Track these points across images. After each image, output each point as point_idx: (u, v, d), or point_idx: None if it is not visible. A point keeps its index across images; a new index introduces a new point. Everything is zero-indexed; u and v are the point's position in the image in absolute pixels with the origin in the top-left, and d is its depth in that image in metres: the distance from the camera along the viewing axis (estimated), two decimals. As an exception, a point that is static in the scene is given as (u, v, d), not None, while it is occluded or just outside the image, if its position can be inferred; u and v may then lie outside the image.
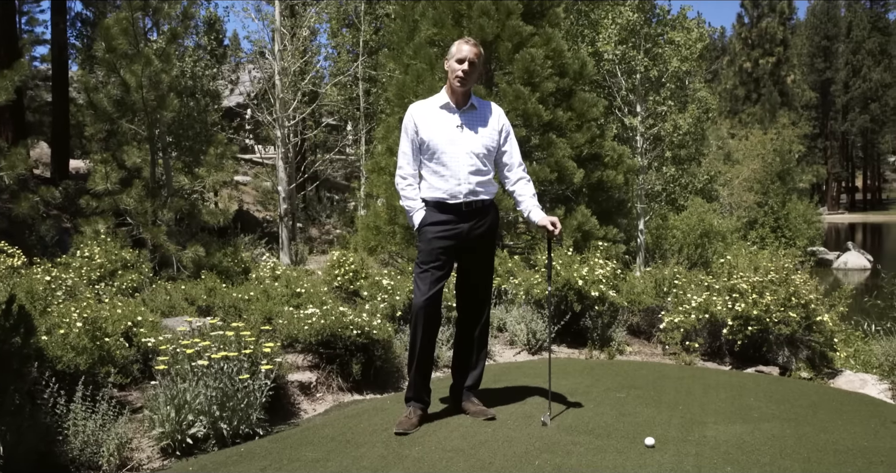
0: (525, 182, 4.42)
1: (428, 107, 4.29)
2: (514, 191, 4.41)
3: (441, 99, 4.28)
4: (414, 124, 4.24)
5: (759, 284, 7.15)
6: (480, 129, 4.27)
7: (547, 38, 10.68)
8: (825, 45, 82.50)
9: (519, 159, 4.42)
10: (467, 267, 4.35)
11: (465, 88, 4.21)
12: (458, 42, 4.25)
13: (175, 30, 10.68)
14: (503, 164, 4.39)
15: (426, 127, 4.21)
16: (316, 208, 27.24)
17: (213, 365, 4.30)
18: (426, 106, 4.30)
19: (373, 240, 11.12)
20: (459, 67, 4.16)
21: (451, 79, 4.23)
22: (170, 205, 9.96)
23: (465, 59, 4.15)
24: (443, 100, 4.27)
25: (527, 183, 4.43)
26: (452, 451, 3.77)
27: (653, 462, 3.62)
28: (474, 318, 4.41)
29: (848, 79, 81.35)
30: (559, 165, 10.25)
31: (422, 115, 4.24)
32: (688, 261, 16.18)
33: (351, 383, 5.58)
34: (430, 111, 4.26)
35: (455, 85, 4.21)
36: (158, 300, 7.19)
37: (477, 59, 4.19)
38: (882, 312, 7.02)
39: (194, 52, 20.76)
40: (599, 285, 7.20)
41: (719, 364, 7.04)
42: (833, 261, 36.17)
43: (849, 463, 3.68)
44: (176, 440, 4.07)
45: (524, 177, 4.43)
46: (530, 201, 4.36)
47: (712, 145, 28.41)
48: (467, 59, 4.15)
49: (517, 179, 4.39)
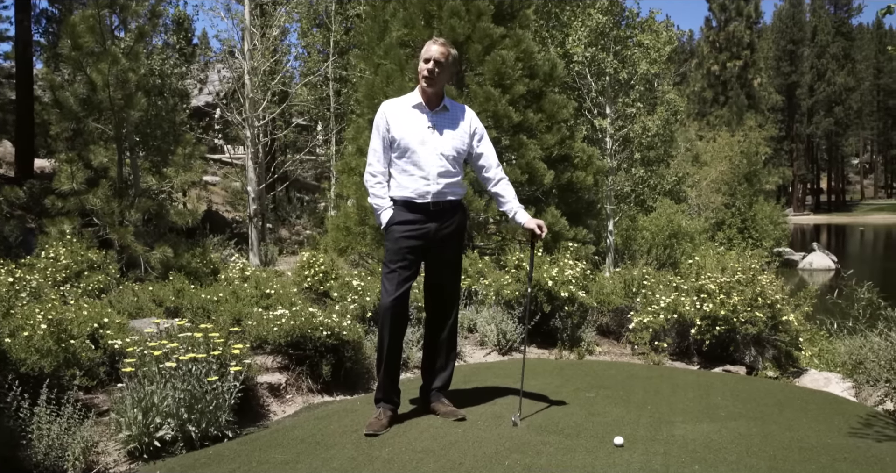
0: (505, 183, 4.45)
1: (400, 105, 4.29)
2: (496, 193, 4.43)
3: (413, 98, 4.28)
4: (386, 122, 4.23)
5: (727, 284, 7.24)
6: (451, 130, 4.27)
7: (517, 40, 10.71)
8: (791, 49, 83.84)
9: (496, 160, 4.44)
10: (435, 267, 4.35)
11: (432, 87, 4.21)
12: (429, 42, 4.25)
13: (143, 28, 10.55)
14: (480, 166, 4.41)
15: (398, 125, 4.21)
16: (286, 209, 27.09)
17: (181, 367, 4.26)
18: (399, 104, 4.30)
19: (343, 241, 11.08)
20: (425, 66, 4.18)
21: (419, 79, 4.24)
22: (137, 205, 9.84)
23: (430, 58, 4.16)
24: (415, 99, 4.27)
25: (507, 184, 4.46)
26: (422, 452, 3.77)
27: (622, 462, 3.65)
28: (443, 319, 4.42)
29: (813, 82, 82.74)
30: (530, 167, 10.29)
31: (394, 113, 4.24)
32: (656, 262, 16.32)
33: (321, 384, 5.56)
34: (402, 110, 4.26)
35: (422, 84, 4.22)
36: (125, 301, 7.10)
37: (444, 58, 4.19)
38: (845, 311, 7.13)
39: (163, 51, 20.55)
40: (569, 286, 7.24)
41: (687, 364, 7.12)
42: (798, 261, 36.72)
43: (813, 460, 3.74)
44: (143, 443, 4.03)
45: (504, 177, 4.45)
46: (515, 202, 4.40)
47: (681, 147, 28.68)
48: (433, 58, 4.16)
49: (497, 179, 4.41)
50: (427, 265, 4.36)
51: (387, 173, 4.30)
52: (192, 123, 22.18)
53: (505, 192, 4.41)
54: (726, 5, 59.28)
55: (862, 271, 24.16)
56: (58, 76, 11.60)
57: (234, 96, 18.80)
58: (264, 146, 19.12)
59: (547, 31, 19.49)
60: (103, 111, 9.99)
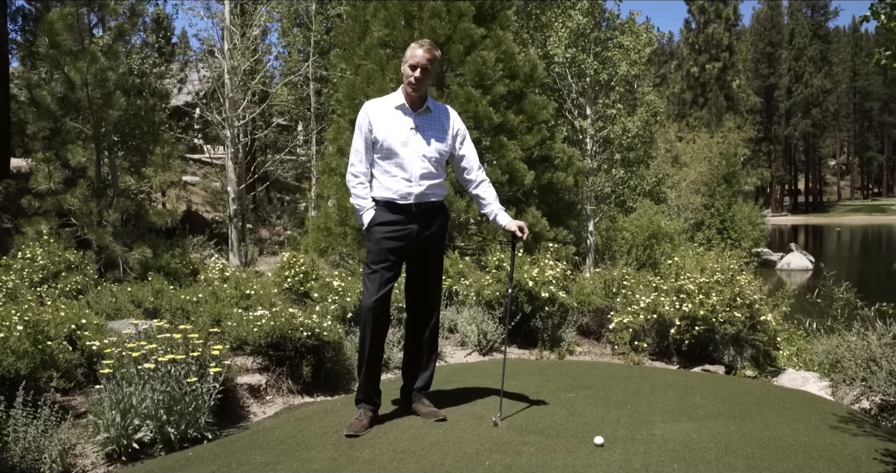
0: (487, 185, 4.44)
1: (383, 106, 4.27)
2: (477, 195, 4.44)
3: (396, 99, 4.26)
4: (368, 123, 4.22)
5: (706, 284, 7.28)
6: (434, 132, 4.27)
7: (498, 41, 10.73)
8: (769, 51, 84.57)
9: (477, 162, 4.44)
10: (417, 268, 4.35)
11: (418, 92, 4.21)
12: (413, 45, 4.22)
13: (122, 26, 10.47)
14: (462, 168, 4.40)
15: (380, 126, 4.19)
16: (266, 209, 26.97)
17: (159, 368, 4.23)
18: (381, 105, 4.28)
19: (323, 241, 11.04)
20: (412, 74, 4.16)
21: (404, 83, 4.22)
22: (116, 205, 9.77)
23: (417, 65, 4.14)
24: (398, 100, 4.25)
25: (488, 185, 4.45)
26: (403, 453, 3.77)
27: (602, 461, 3.67)
28: (424, 319, 4.42)
29: (791, 84, 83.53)
30: (510, 167, 10.30)
31: (377, 113, 4.22)
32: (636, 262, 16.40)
33: (301, 385, 5.54)
34: (385, 111, 4.24)
35: (409, 90, 4.21)
36: (103, 302, 7.04)
37: (430, 63, 4.18)
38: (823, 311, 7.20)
39: (142, 50, 20.39)
40: (549, 287, 7.25)
41: (667, 364, 7.16)
42: (777, 262, 37.03)
43: (790, 459, 3.77)
44: (121, 445, 4.00)
45: (485, 179, 4.45)
46: (496, 205, 4.40)
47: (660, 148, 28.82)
48: (420, 65, 4.14)
49: (479, 181, 4.41)
50: (409, 266, 4.36)
51: (369, 174, 4.29)
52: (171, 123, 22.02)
53: (486, 194, 4.42)
54: (705, 8, 59.65)
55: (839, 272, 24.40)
56: (35, 75, 11.49)
57: (214, 96, 18.70)
58: (244, 146, 19.03)
59: (527, 32, 19.52)
60: (81, 110, 9.91)
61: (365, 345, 4.20)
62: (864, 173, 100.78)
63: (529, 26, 19.82)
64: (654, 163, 24.96)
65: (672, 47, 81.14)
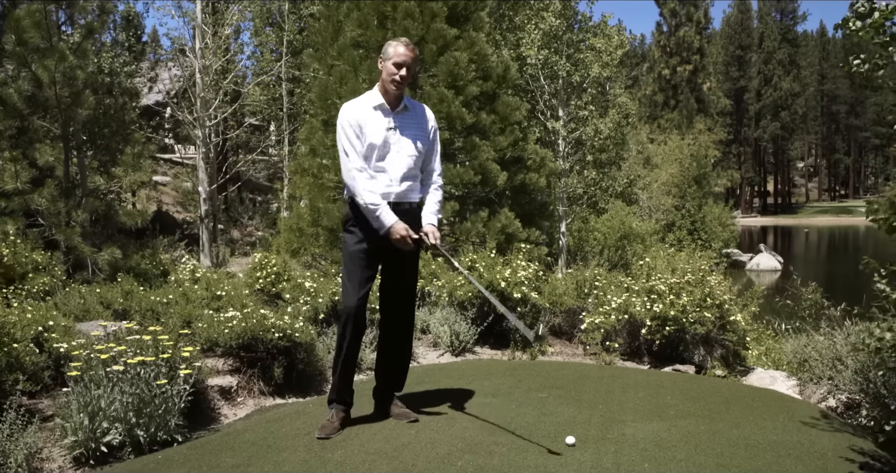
0: (435, 189, 4.36)
1: (363, 106, 4.18)
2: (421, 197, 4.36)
3: (374, 99, 4.18)
4: (357, 123, 4.10)
5: (677, 285, 7.35)
6: (414, 131, 4.22)
7: (471, 42, 10.75)
8: (739, 54, 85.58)
9: (438, 166, 4.39)
10: (393, 269, 4.32)
11: (400, 91, 4.17)
12: (395, 43, 4.15)
13: (91, 24, 10.35)
14: (423, 163, 4.35)
15: (364, 127, 4.12)
16: (238, 210, 26.79)
17: (129, 371, 4.19)
18: (362, 105, 4.18)
19: (296, 242, 11.00)
20: (397, 72, 4.09)
21: (385, 81, 4.15)
22: (85, 205, 9.65)
23: (402, 63, 4.08)
24: (376, 100, 4.17)
25: (436, 190, 4.37)
26: (375, 454, 3.76)
27: (573, 461, 3.69)
28: (398, 320, 4.40)
29: (760, 87, 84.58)
30: (483, 168, 10.33)
31: (361, 114, 4.13)
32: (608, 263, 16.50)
33: (273, 386, 5.51)
34: (366, 111, 4.15)
35: (391, 88, 4.14)
36: (72, 303, 6.95)
37: (413, 62, 4.16)
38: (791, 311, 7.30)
39: (112, 49, 20.15)
40: (522, 287, 7.28)
41: (638, 364, 7.21)
42: (746, 262, 37.51)
43: (759, 457, 3.82)
44: (89, 448, 3.95)
45: (437, 183, 4.38)
46: (431, 214, 4.29)
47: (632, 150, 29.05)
48: (405, 63, 4.09)
49: (430, 184, 4.35)
50: (385, 267, 4.32)
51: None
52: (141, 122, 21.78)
53: (430, 199, 4.32)
54: (677, 11, 60.16)
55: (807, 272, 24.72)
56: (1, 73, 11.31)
57: (185, 95, 18.53)
58: (216, 146, 18.89)
59: (500, 33, 19.58)
60: (49, 109, 9.79)
61: (343, 346, 4.16)
62: (832, 175, 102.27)
63: (502, 27, 19.89)
64: (625, 164, 25.13)
65: (644, 50, 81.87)
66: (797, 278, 7.16)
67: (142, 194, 23.01)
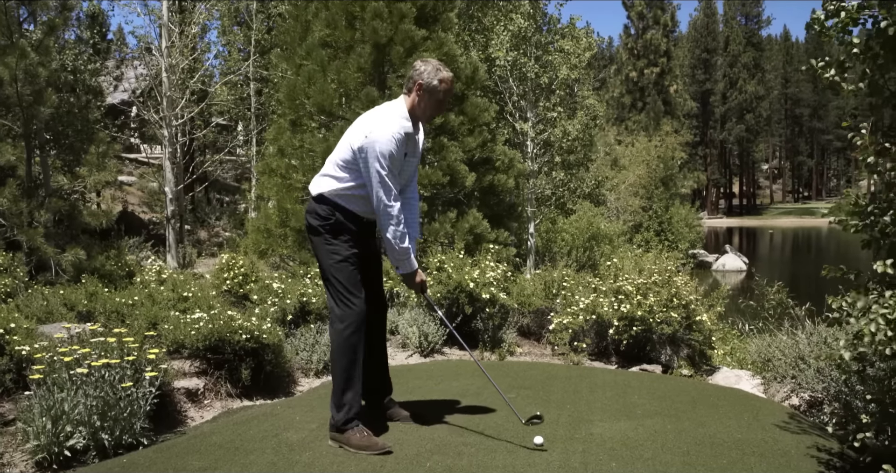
0: (416, 202, 4.30)
1: (405, 133, 3.92)
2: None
3: (407, 123, 3.95)
4: (403, 151, 3.92)
5: (644, 285, 7.41)
6: (418, 149, 4.14)
7: (440, 43, 10.76)
8: (705, 57, 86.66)
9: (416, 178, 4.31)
10: (372, 275, 4.26)
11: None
12: (447, 77, 3.98)
13: (53, 21, 10.19)
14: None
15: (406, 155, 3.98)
16: (205, 210, 26.57)
17: (93, 373, 4.13)
18: (404, 132, 3.91)
19: (263, 243, 10.92)
20: (444, 100, 4.01)
21: (425, 113, 4.02)
22: (47, 205, 9.51)
23: (450, 91, 4.00)
24: (409, 125, 3.95)
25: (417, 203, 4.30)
26: (343, 455, 3.75)
27: (541, 461, 3.70)
28: (379, 323, 4.35)
29: (726, 90, 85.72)
30: (451, 169, 10.34)
31: (404, 142, 3.92)
32: (576, 263, 16.62)
33: (240, 388, 5.47)
34: (407, 138, 3.95)
35: (425, 119, 4.06)
36: (34, 305, 6.84)
37: None
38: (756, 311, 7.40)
39: (75, 46, 19.86)
40: (490, 288, 7.29)
41: (606, 364, 7.26)
42: (712, 263, 37.96)
43: (724, 455, 3.87)
44: (53, 452, 3.88)
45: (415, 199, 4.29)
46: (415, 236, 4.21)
47: (600, 151, 29.26)
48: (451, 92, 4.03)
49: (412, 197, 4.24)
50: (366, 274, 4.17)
51: None
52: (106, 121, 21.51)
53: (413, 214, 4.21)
54: (644, 14, 60.73)
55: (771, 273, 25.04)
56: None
57: (151, 94, 18.33)
58: (182, 146, 18.73)
59: (469, 34, 19.65)
60: (11, 107, 9.63)
61: (357, 353, 3.92)
62: (795, 177, 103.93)
63: (471, 29, 19.95)
64: (593, 166, 25.31)
65: (612, 52, 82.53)
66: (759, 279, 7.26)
67: (107, 194, 22.72)
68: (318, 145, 10.20)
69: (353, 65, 10.40)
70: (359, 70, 10.43)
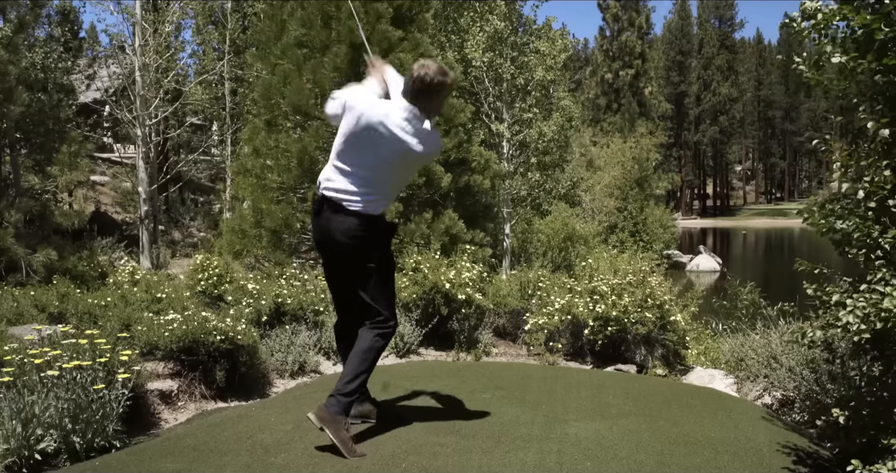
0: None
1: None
2: None
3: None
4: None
5: (619, 286, 7.46)
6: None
7: (416, 43, 10.75)
8: (679, 59, 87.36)
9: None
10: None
11: None
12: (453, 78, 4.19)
13: (23, 18, 10.09)
14: None
15: None
16: (179, 210, 26.35)
17: (64, 375, 4.08)
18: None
19: (238, 244, 10.85)
20: None
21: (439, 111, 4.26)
22: (18, 205, 9.39)
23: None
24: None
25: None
26: (319, 456, 3.73)
27: (517, 461, 3.71)
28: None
29: (700, 92, 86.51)
30: (427, 170, 10.33)
31: None
32: (552, 264, 16.69)
33: (214, 390, 5.43)
34: None
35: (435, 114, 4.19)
36: (4, 307, 6.75)
37: None
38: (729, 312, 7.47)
39: (46, 44, 19.62)
40: (466, 289, 7.31)
41: (581, 364, 7.30)
42: (686, 264, 38.26)
43: (698, 454, 3.90)
44: (23, 456, 3.83)
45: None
46: None
47: (575, 152, 29.39)
48: None
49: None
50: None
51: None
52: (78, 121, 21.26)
53: None
54: (619, 16, 61.06)
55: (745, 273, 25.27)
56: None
57: (125, 93, 18.13)
58: (156, 145, 18.54)
59: (445, 35, 19.64)
60: (-20, 106, 9.49)
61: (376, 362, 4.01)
62: (768, 179, 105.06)
63: (447, 30, 19.95)
64: (569, 167, 25.42)
65: (587, 54, 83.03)
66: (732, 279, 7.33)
67: (79, 193, 22.46)
68: (293, 145, 10.16)
69: (329, 65, 10.36)
70: (335, 70, 10.39)
